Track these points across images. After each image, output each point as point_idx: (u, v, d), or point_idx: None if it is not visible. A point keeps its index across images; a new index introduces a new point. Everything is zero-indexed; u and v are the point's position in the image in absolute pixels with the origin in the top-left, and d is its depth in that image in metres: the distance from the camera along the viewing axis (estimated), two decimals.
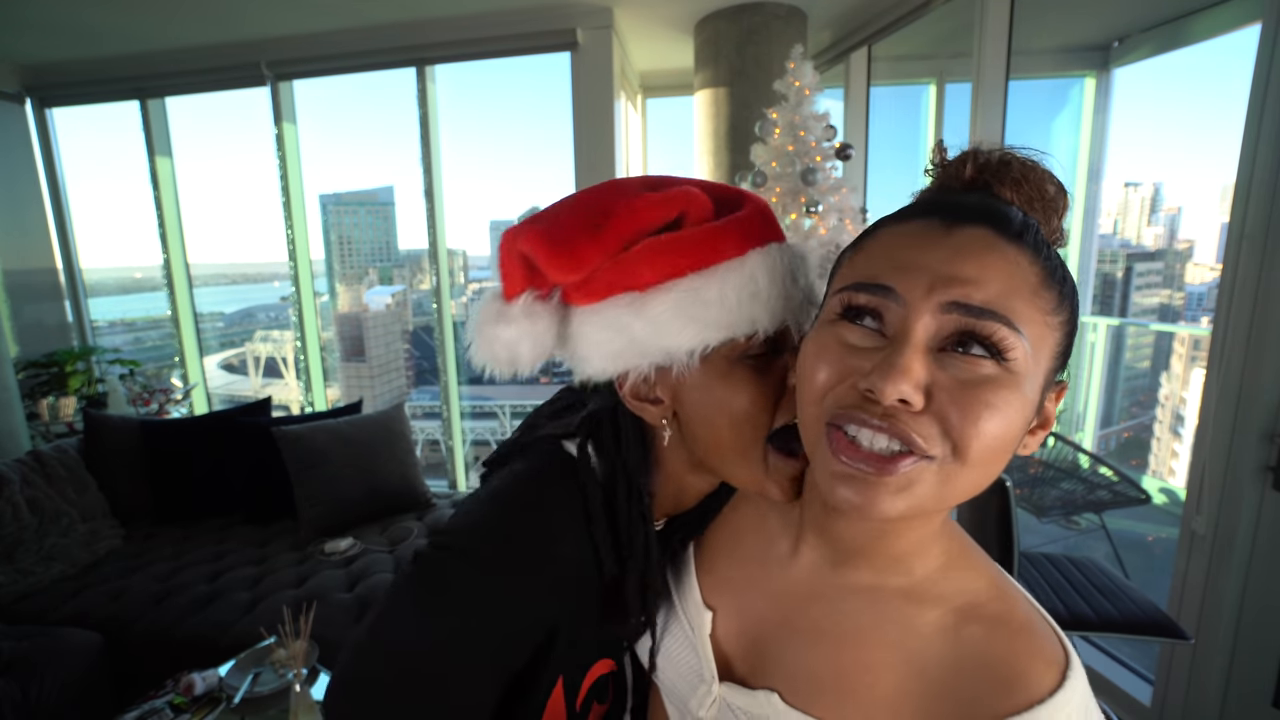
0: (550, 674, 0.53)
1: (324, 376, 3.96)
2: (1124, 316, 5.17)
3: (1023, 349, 0.34)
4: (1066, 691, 0.35)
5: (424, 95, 3.14)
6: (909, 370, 0.33)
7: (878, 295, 0.36)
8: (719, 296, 0.46)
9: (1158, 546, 3.18)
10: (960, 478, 0.35)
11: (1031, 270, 0.35)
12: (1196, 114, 17.40)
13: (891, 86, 3.45)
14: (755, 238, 0.48)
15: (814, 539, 0.46)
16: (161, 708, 1.36)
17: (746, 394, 0.47)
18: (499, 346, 0.50)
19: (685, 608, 0.52)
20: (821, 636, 0.44)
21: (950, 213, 0.36)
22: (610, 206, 0.47)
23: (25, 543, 2.16)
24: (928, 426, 0.34)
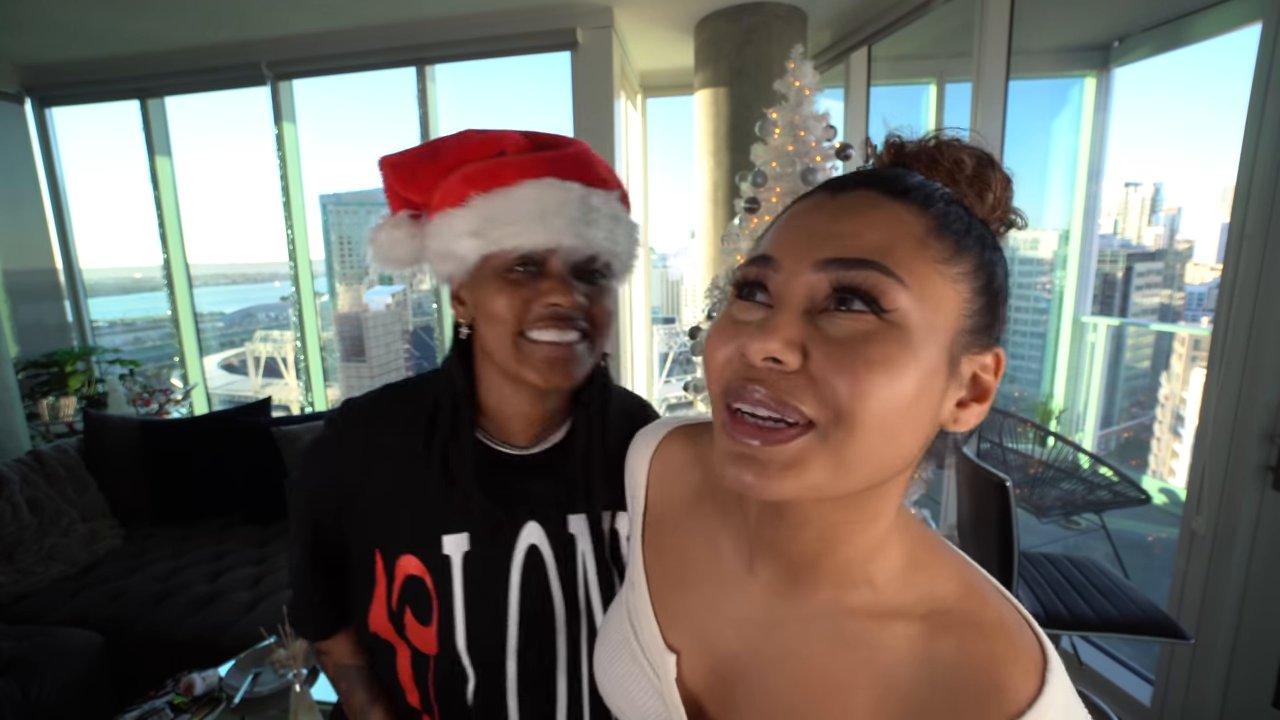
0: (364, 542, 0.65)
1: (324, 376, 3.96)
2: (1124, 316, 5.17)
3: (906, 298, 0.32)
4: (1047, 697, 0.33)
5: (424, 95, 3.14)
6: (777, 328, 0.32)
7: (761, 266, 0.35)
8: (489, 215, 0.57)
9: (1158, 546, 3.18)
10: (852, 448, 0.32)
11: (918, 221, 0.33)
12: (1196, 114, 17.43)
13: (891, 86, 3.45)
14: (535, 172, 0.58)
15: (765, 557, 0.43)
16: (161, 708, 1.36)
17: (502, 298, 0.58)
18: (378, 247, 0.65)
19: (647, 652, 0.48)
20: (790, 662, 0.41)
21: (840, 181, 0.37)
22: (444, 143, 0.61)
23: (25, 543, 2.16)
24: (804, 388, 0.32)
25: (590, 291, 0.60)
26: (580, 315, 0.59)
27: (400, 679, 0.67)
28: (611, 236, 0.60)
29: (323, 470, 0.67)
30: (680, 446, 0.54)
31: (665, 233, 27.94)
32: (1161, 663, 1.70)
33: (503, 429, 0.67)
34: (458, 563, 0.63)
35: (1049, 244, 4.90)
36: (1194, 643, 1.53)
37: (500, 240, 0.57)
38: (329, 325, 14.60)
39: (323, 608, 0.73)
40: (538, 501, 0.66)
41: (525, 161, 0.58)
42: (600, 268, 0.61)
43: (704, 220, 3.16)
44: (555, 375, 0.59)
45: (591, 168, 0.61)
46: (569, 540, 0.66)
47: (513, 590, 0.64)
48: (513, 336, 0.58)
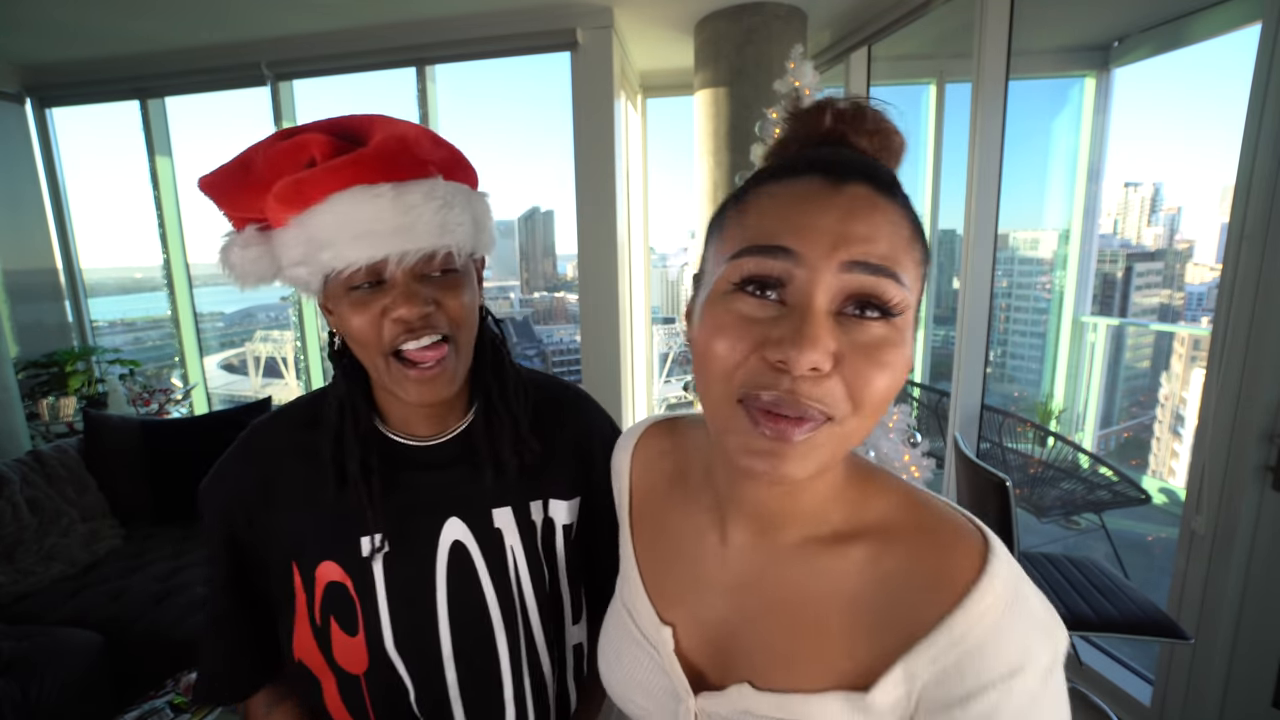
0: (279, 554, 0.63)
1: (324, 376, 3.95)
2: (1124, 316, 5.16)
3: (905, 299, 0.36)
4: (988, 576, 0.37)
5: (424, 95, 3.14)
6: (819, 339, 0.34)
7: (778, 258, 0.36)
8: (309, 238, 0.54)
9: (1158, 546, 3.18)
10: (856, 430, 0.37)
11: (905, 223, 0.37)
12: (1196, 114, 17.38)
13: (891, 86, 3.45)
14: (340, 183, 0.53)
15: (736, 518, 0.47)
16: (161, 708, 1.36)
17: (353, 319, 0.56)
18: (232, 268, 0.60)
19: (644, 630, 0.51)
20: (774, 610, 0.44)
21: (832, 169, 0.37)
22: (253, 156, 0.56)
23: (25, 543, 2.16)
24: (836, 389, 0.35)
25: (439, 289, 0.57)
26: (432, 321, 0.57)
27: (332, 714, 0.64)
28: (443, 226, 0.56)
29: (231, 482, 0.66)
30: (657, 439, 0.58)
31: (665, 233, 27.60)
32: (1161, 663, 1.70)
33: (405, 422, 0.65)
34: (379, 566, 0.61)
35: (1049, 244, 4.90)
36: (1194, 643, 1.53)
37: (326, 263, 0.54)
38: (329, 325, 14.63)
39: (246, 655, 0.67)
40: (458, 497, 0.64)
41: (329, 173, 0.53)
42: (442, 263, 0.57)
43: (704, 220, 3.16)
44: (428, 392, 0.58)
45: (403, 158, 0.55)
46: (495, 535, 0.64)
47: (440, 589, 0.62)
48: (382, 358, 0.57)
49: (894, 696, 0.38)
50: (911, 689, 0.38)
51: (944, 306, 3.92)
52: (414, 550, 0.62)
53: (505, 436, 0.65)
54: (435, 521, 0.63)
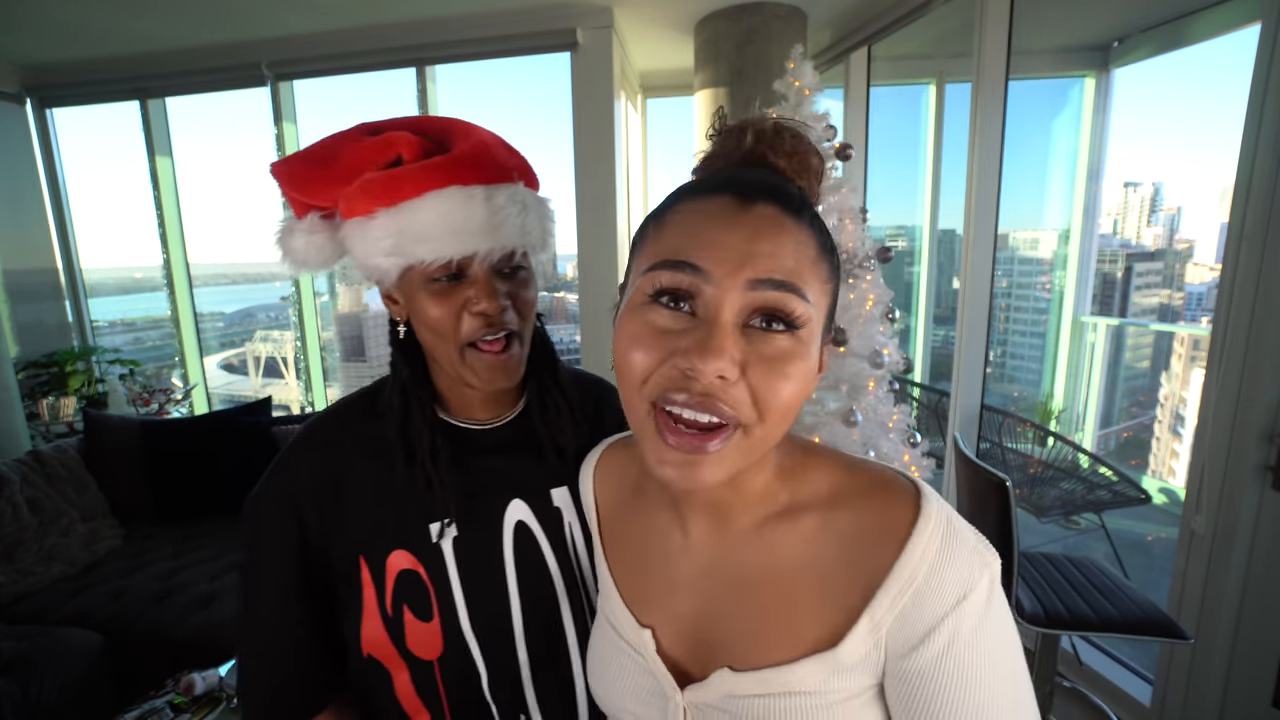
0: (347, 549, 0.62)
1: (324, 376, 3.96)
2: (1124, 316, 5.16)
3: (809, 313, 0.39)
4: (923, 517, 0.41)
5: (424, 95, 3.14)
6: (723, 349, 0.37)
7: (687, 273, 0.39)
8: (401, 229, 0.57)
9: (1158, 546, 3.18)
10: (763, 436, 0.40)
11: (811, 243, 0.40)
12: (1196, 114, 17.42)
13: (891, 86, 3.45)
14: (437, 182, 0.57)
15: (692, 513, 0.50)
16: (161, 707, 1.36)
17: (434, 309, 0.59)
18: (293, 254, 0.64)
19: (626, 637, 0.52)
20: (741, 592, 0.47)
21: (742, 190, 0.40)
22: (337, 147, 0.60)
23: (25, 543, 2.16)
24: (740, 396, 0.38)
25: (512, 285, 0.62)
26: (507, 314, 0.61)
27: (404, 704, 0.64)
28: (522, 228, 0.60)
29: (299, 481, 0.63)
30: (614, 456, 0.62)
31: None
32: (1161, 663, 1.70)
33: (463, 408, 0.68)
34: (449, 549, 0.63)
35: (1049, 244, 4.90)
36: (1194, 643, 1.53)
37: (417, 255, 0.57)
38: (329, 325, 14.64)
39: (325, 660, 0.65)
40: (519, 478, 0.67)
41: (426, 172, 0.57)
42: (518, 261, 0.62)
43: None
44: (500, 378, 0.62)
45: (487, 164, 0.60)
46: (555, 513, 0.67)
47: (509, 568, 0.64)
48: (457, 349, 0.60)
49: (863, 649, 0.41)
50: (878, 639, 0.41)
51: (944, 306, 3.92)
52: (481, 532, 0.64)
53: (564, 421, 0.68)
54: (499, 503, 0.66)
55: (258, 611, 0.63)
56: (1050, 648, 1.57)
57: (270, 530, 0.63)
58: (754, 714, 0.44)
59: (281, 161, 0.62)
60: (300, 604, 0.63)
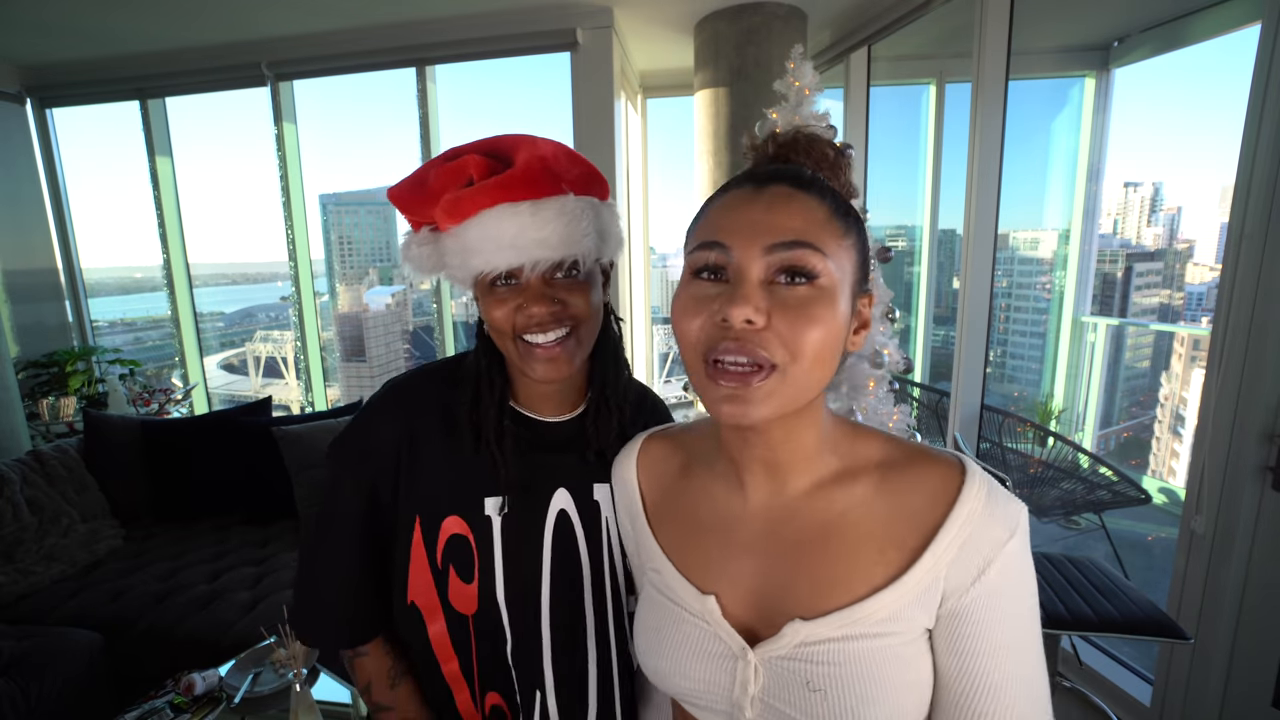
0: (409, 507, 0.70)
1: (324, 376, 3.96)
2: (1124, 316, 5.15)
3: (827, 265, 0.45)
4: (970, 475, 0.49)
5: (424, 95, 3.14)
6: (748, 297, 0.44)
7: (715, 250, 0.47)
8: (464, 245, 0.64)
9: (1158, 546, 3.18)
10: (802, 377, 0.46)
11: (820, 208, 0.47)
12: (1196, 114, 17.16)
13: (891, 86, 3.45)
14: (488, 201, 0.63)
15: (752, 476, 0.55)
16: (161, 708, 1.36)
17: (495, 311, 0.66)
18: (414, 260, 0.70)
19: (688, 607, 0.55)
20: (805, 545, 0.52)
21: (757, 178, 0.49)
22: (427, 173, 0.67)
23: (25, 543, 2.16)
24: (771, 340, 0.45)
25: (565, 290, 0.67)
26: (559, 316, 0.66)
27: (436, 649, 0.72)
28: (568, 239, 0.65)
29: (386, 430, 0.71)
30: (656, 446, 0.67)
31: (665, 233, 27.84)
32: (1161, 663, 1.70)
33: (531, 401, 0.74)
34: (497, 523, 0.70)
35: (1049, 244, 4.90)
36: (1194, 643, 1.53)
37: (474, 267, 0.65)
38: (329, 325, 14.48)
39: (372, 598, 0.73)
40: (567, 470, 0.74)
41: (480, 193, 0.63)
42: (570, 268, 0.67)
43: None
44: (550, 371, 0.67)
45: (540, 179, 0.65)
46: (594, 506, 0.74)
47: (545, 550, 0.71)
48: (513, 341, 0.67)
49: (927, 580, 0.47)
50: (939, 574, 0.48)
51: (944, 306, 3.92)
52: (528, 514, 0.71)
53: (611, 430, 0.74)
54: (547, 491, 0.72)
55: (326, 537, 0.72)
56: (1050, 648, 1.57)
57: (345, 473, 0.71)
58: (827, 659, 0.48)
59: (396, 187, 0.70)
60: (365, 548, 0.72)
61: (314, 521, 0.74)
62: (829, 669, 0.48)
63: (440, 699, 0.74)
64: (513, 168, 0.65)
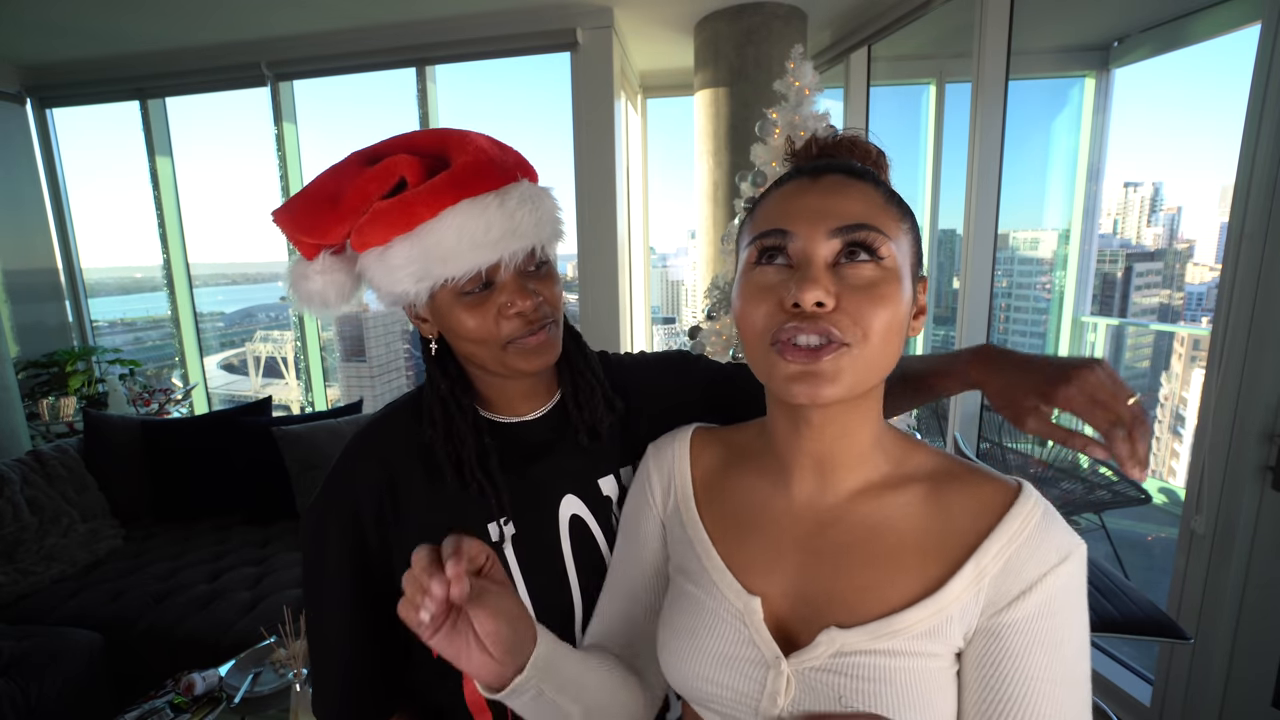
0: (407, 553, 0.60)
1: (324, 376, 3.96)
2: (1124, 316, 5.15)
3: (890, 247, 0.46)
4: (1024, 494, 0.48)
5: (424, 95, 3.14)
6: (818, 279, 0.44)
7: (779, 237, 0.47)
8: (424, 252, 0.57)
9: (1158, 546, 3.18)
10: (871, 356, 0.45)
11: (876, 194, 0.48)
12: (1196, 114, 17.27)
13: (891, 86, 3.45)
14: (449, 199, 0.57)
15: (800, 471, 0.54)
16: (161, 708, 1.36)
17: (470, 321, 0.60)
18: (310, 298, 0.64)
19: (730, 605, 0.52)
20: (849, 547, 0.51)
21: (811, 170, 0.50)
22: (338, 184, 0.59)
23: (25, 543, 2.16)
24: (842, 320, 0.44)
25: (539, 282, 0.63)
26: (541, 309, 0.62)
27: (470, 702, 0.65)
28: (537, 225, 0.61)
29: (358, 491, 0.64)
30: (704, 438, 0.64)
31: (665, 233, 27.74)
32: (1161, 663, 1.70)
33: (509, 406, 0.69)
34: (509, 548, 0.65)
35: (1049, 244, 4.89)
36: (1194, 643, 1.53)
37: (444, 274, 0.58)
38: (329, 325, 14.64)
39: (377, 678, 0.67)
40: (569, 473, 0.69)
41: (435, 193, 0.57)
42: (540, 257, 0.63)
43: (704, 220, 3.16)
44: (539, 360, 0.63)
45: (490, 171, 0.59)
46: (604, 503, 0.70)
47: (569, 562, 0.67)
48: (499, 349, 0.61)
49: (967, 595, 0.46)
50: (980, 588, 0.46)
51: (944, 306, 3.92)
52: (539, 529, 0.66)
53: (597, 399, 0.70)
54: (553, 500, 0.68)
55: (320, 623, 0.66)
56: None
57: (328, 542, 0.64)
58: (862, 673, 0.46)
59: (282, 208, 0.62)
60: (360, 613, 0.65)
61: (306, 598, 0.66)
62: (862, 684, 0.45)
63: None
64: (462, 160, 0.59)
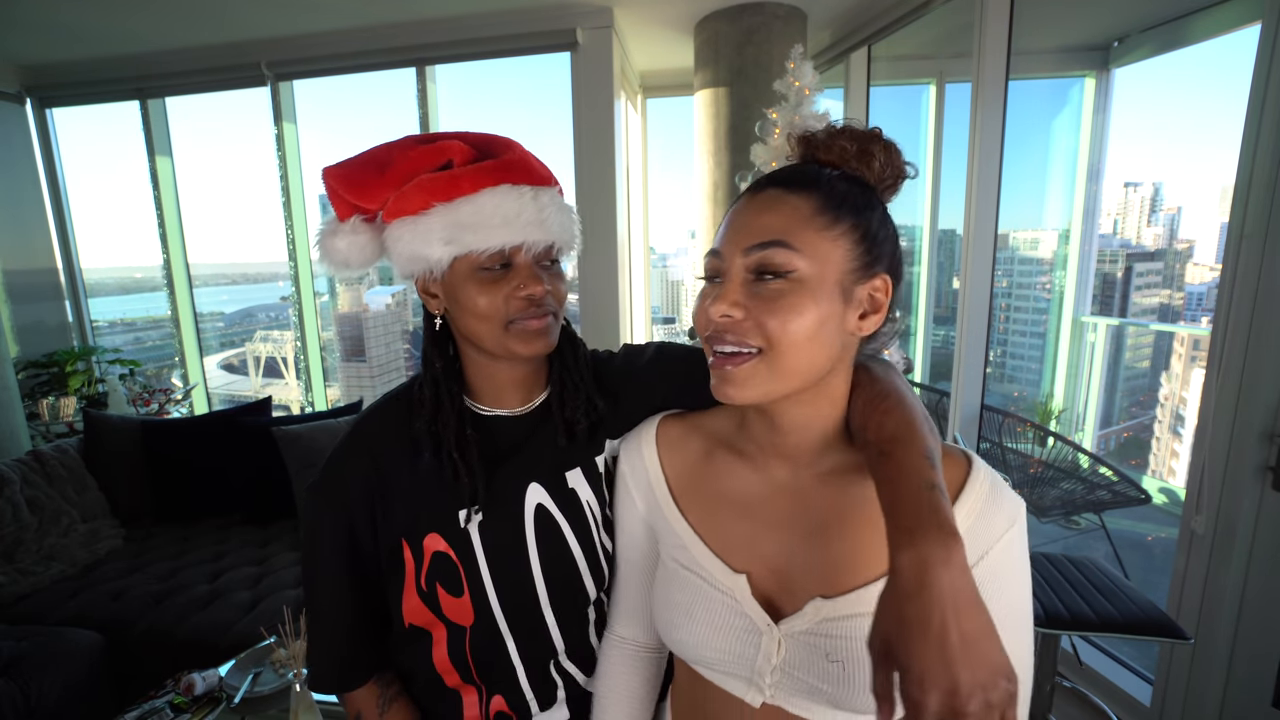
0: (390, 535, 0.70)
1: (324, 376, 3.96)
2: (1124, 316, 5.16)
3: (801, 261, 0.49)
4: (975, 469, 0.54)
5: (424, 95, 3.14)
6: (724, 296, 0.51)
7: (713, 258, 0.53)
8: (457, 221, 0.63)
9: (1158, 546, 3.18)
10: (785, 361, 0.50)
11: (805, 205, 0.50)
12: (1196, 114, 17.23)
13: (891, 86, 3.45)
14: (492, 180, 0.63)
15: (774, 460, 0.59)
16: (161, 708, 1.36)
17: (482, 297, 0.64)
18: (334, 254, 0.69)
19: (717, 584, 0.58)
20: (826, 525, 0.56)
21: (756, 185, 0.54)
22: (391, 155, 0.66)
23: (25, 543, 2.16)
24: (748, 329, 0.50)
25: (550, 276, 0.68)
26: (549, 299, 0.67)
27: (437, 666, 0.72)
28: (560, 226, 0.68)
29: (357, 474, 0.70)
30: (673, 427, 0.68)
31: (665, 233, 27.62)
32: (1161, 663, 1.70)
33: (497, 398, 0.73)
34: (475, 533, 0.70)
35: (1049, 244, 4.90)
36: (1194, 643, 1.53)
37: (472, 244, 0.63)
38: (329, 325, 14.46)
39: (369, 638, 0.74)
40: (535, 465, 0.72)
41: (482, 172, 0.64)
42: (555, 254, 0.69)
43: (704, 220, 3.16)
44: (537, 344, 0.67)
45: (534, 169, 0.67)
46: (571, 494, 0.73)
47: (531, 550, 0.71)
48: (501, 328, 0.66)
49: None
50: None
51: (944, 306, 3.92)
52: (504, 517, 0.71)
53: (579, 399, 0.73)
54: (518, 488, 0.72)
55: (316, 599, 0.72)
56: (1050, 648, 1.57)
57: (323, 526, 0.71)
58: (845, 633, 0.52)
59: (334, 165, 0.68)
60: (352, 591, 0.71)
61: (304, 576, 0.74)
62: (847, 642, 0.52)
63: (447, 710, 0.74)
64: (509, 155, 0.66)
